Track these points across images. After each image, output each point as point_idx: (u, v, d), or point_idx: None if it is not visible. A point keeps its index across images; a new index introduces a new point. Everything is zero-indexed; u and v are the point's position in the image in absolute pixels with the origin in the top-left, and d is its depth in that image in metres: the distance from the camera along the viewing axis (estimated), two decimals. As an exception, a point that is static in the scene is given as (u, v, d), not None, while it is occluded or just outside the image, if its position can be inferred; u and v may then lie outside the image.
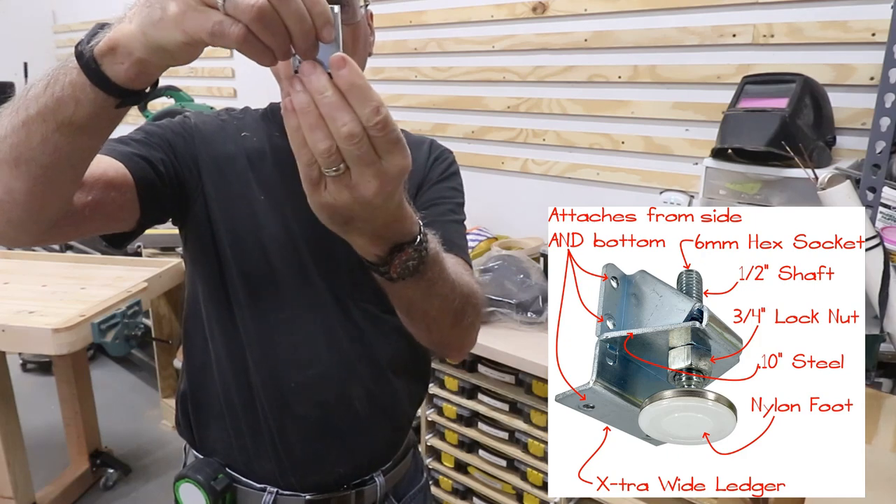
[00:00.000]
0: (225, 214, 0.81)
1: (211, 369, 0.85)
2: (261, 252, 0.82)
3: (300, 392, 0.84)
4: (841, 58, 1.46)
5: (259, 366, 0.83)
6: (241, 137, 0.84)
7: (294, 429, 0.84)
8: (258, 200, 0.82)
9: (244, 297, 0.82)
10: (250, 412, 0.84)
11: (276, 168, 0.84)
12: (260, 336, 0.83)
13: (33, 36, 4.42)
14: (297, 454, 0.85)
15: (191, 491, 0.84)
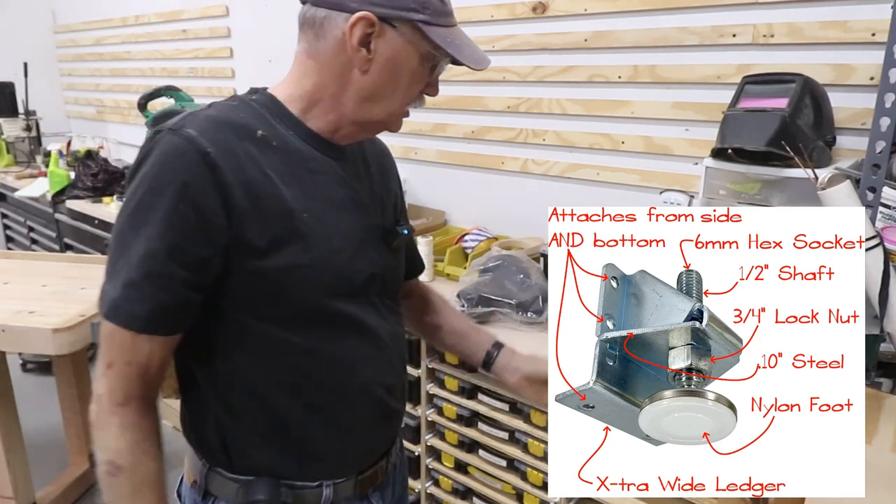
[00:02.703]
0: (272, 246, 0.79)
1: (258, 395, 0.85)
2: (315, 271, 0.82)
3: (365, 394, 0.90)
4: (841, 58, 1.46)
5: (322, 381, 0.86)
6: (258, 140, 0.80)
7: (355, 429, 0.91)
8: (300, 220, 0.81)
9: (304, 318, 0.83)
10: (309, 425, 0.87)
11: (302, 174, 0.83)
12: (323, 353, 0.85)
13: (33, 36, 4.42)
14: (355, 449, 0.93)
15: None
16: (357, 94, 0.82)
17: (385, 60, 0.80)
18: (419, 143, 2.38)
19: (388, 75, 0.81)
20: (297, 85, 0.84)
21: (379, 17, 0.77)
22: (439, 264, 2.03)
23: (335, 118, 0.85)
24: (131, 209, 0.75)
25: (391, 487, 1.02)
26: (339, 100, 0.83)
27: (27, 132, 4.02)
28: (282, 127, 0.83)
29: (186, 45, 3.39)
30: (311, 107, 0.84)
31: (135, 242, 0.74)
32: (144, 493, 0.78)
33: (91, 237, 3.05)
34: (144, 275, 0.74)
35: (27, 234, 3.80)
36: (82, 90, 4.45)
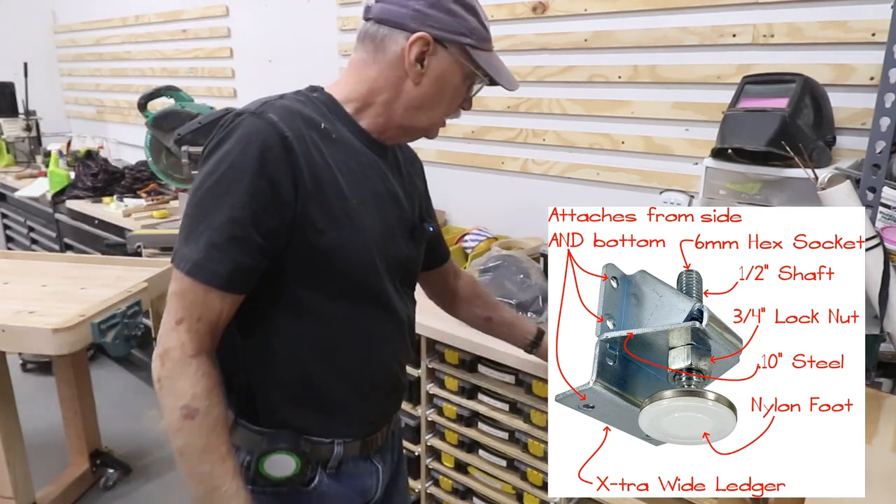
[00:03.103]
0: (329, 225, 0.88)
1: (293, 357, 0.94)
2: (360, 252, 0.92)
3: (383, 366, 1.03)
4: (841, 58, 1.46)
5: (352, 349, 0.97)
6: (322, 132, 0.90)
7: (371, 396, 1.02)
8: (351, 205, 0.91)
9: (345, 292, 0.93)
10: (334, 388, 0.97)
11: (355, 166, 0.93)
12: (356, 325, 0.96)
13: (33, 36, 4.42)
14: (367, 414, 1.03)
15: (278, 461, 0.94)
16: (407, 102, 0.94)
17: (435, 76, 0.92)
18: (419, 143, 2.36)
19: (436, 89, 0.93)
20: (353, 88, 0.95)
21: (434, 38, 0.90)
22: (439, 264, 2.02)
23: (384, 121, 0.96)
24: (213, 181, 0.83)
25: (390, 452, 1.13)
26: (391, 106, 0.94)
27: (27, 132, 4.02)
28: (339, 123, 0.94)
29: (186, 45, 3.39)
30: (364, 108, 0.95)
31: (217, 210, 0.82)
32: (218, 433, 0.85)
33: (91, 237, 3.05)
34: (228, 238, 0.82)
35: (27, 234, 3.80)
36: (82, 90, 4.45)
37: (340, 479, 1.02)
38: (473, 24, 0.94)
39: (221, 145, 0.84)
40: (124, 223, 2.76)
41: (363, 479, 1.05)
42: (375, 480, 1.07)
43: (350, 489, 1.04)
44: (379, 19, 0.91)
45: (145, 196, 3.09)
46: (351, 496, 1.04)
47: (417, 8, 0.89)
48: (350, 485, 1.03)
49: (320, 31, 2.57)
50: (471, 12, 0.94)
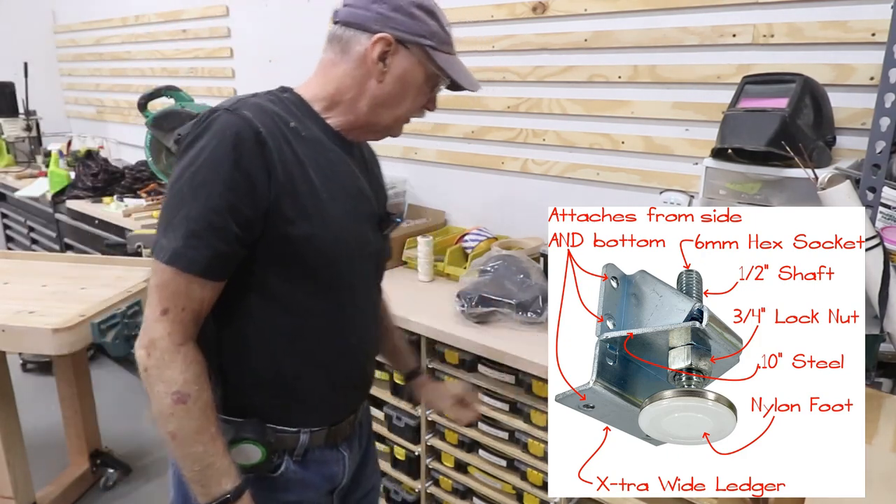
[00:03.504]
0: (300, 218, 0.92)
1: (263, 346, 0.97)
2: (331, 244, 0.96)
3: (353, 358, 1.07)
4: (841, 58, 1.46)
5: (323, 341, 1.01)
6: (291, 130, 0.94)
7: (338, 386, 1.05)
8: (321, 199, 0.95)
9: (317, 284, 0.97)
10: (302, 378, 1.01)
11: (324, 163, 0.97)
12: (328, 317, 1.00)
13: (33, 36, 4.42)
14: (334, 404, 1.07)
15: (244, 450, 0.97)
16: (372, 99, 0.99)
17: (398, 74, 0.98)
18: (419, 143, 2.38)
19: (399, 87, 0.99)
20: (321, 88, 1.00)
21: (396, 38, 0.96)
22: (439, 264, 2.03)
23: (352, 119, 1.01)
24: (191, 173, 0.87)
25: (358, 439, 1.16)
26: (357, 103, 1.00)
27: (27, 132, 4.02)
28: (308, 121, 0.98)
29: (186, 45, 3.39)
30: (331, 107, 1.00)
31: (194, 201, 0.86)
32: (208, 415, 0.90)
33: (91, 237, 3.05)
34: (206, 227, 0.86)
35: (27, 234, 3.80)
36: (82, 90, 4.45)
37: (306, 466, 1.05)
38: (434, 28, 0.99)
39: (198, 140, 0.88)
40: (124, 223, 2.76)
41: (329, 466, 1.09)
42: (342, 467, 1.11)
43: (316, 475, 1.07)
44: (345, 22, 0.98)
45: (145, 196, 3.09)
46: (317, 482, 1.07)
47: (380, 11, 0.96)
48: (316, 471, 1.07)
49: (320, 31, 2.56)
50: (431, 17, 0.99)
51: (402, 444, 1.88)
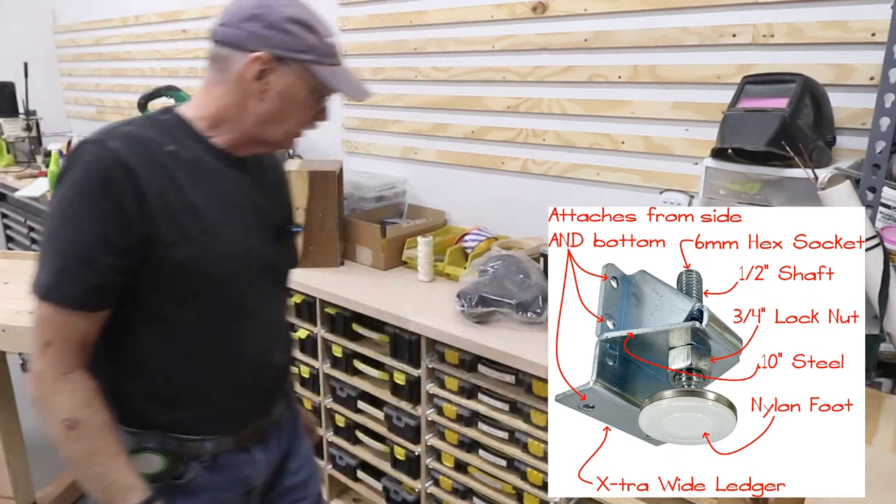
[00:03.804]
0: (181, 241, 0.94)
1: (156, 364, 1.00)
2: (219, 263, 0.98)
3: (253, 366, 1.08)
4: (841, 58, 1.46)
5: (217, 354, 1.03)
6: (167, 154, 0.95)
7: (239, 396, 1.07)
8: (206, 220, 0.97)
9: (206, 301, 0.99)
10: (198, 392, 1.03)
11: (207, 183, 0.99)
12: (220, 331, 1.02)
13: (33, 36, 4.42)
14: (236, 413, 1.08)
15: (145, 459, 0.99)
16: (256, 117, 1.00)
17: (278, 91, 0.98)
18: (419, 143, 2.38)
19: (281, 103, 0.99)
20: (203, 107, 1.02)
21: (272, 56, 0.95)
22: (439, 264, 2.03)
23: (237, 136, 1.02)
24: (62, 208, 0.89)
25: (276, 438, 1.18)
26: (241, 121, 1.00)
27: (27, 132, 4.02)
28: (189, 142, 0.99)
29: (186, 45, 3.39)
30: (215, 126, 1.01)
31: (66, 235, 0.89)
32: (105, 436, 0.93)
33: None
34: (77, 261, 0.88)
35: (27, 234, 3.80)
36: (82, 90, 4.45)
37: (217, 471, 1.07)
38: (312, 42, 0.98)
39: (67, 175, 0.90)
40: (124, 223, 2.76)
41: (242, 469, 1.10)
42: (257, 469, 1.13)
43: (228, 479, 1.09)
44: (221, 42, 0.98)
45: (145, 196, 3.08)
46: (229, 486, 1.09)
47: (253, 30, 0.95)
48: (228, 475, 1.08)
49: (320, 31, 2.57)
50: (308, 30, 0.98)
51: (402, 444, 1.88)
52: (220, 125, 1.01)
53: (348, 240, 2.18)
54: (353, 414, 2.01)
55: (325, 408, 2.09)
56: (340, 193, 2.18)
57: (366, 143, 2.56)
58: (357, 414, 2.00)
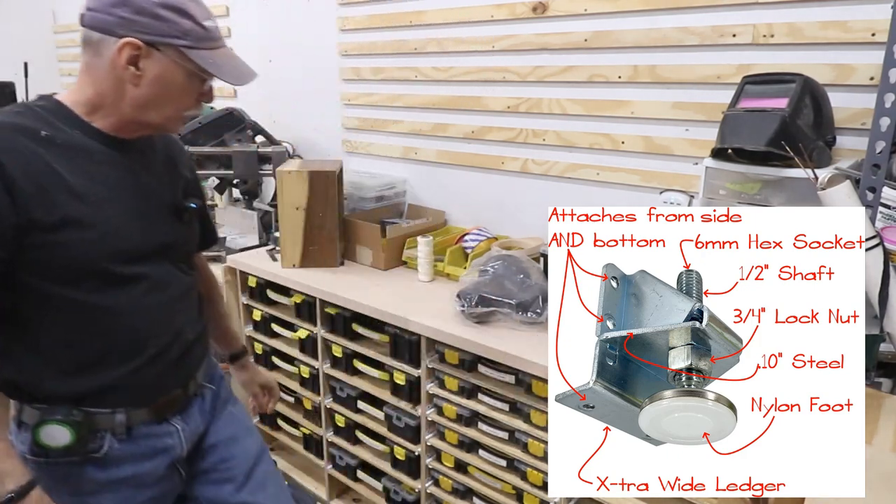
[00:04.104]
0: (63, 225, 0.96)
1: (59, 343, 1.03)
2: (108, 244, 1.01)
3: (158, 340, 1.10)
4: (841, 58, 1.46)
5: (119, 331, 1.06)
6: (42, 140, 0.96)
7: (147, 368, 1.09)
8: (88, 203, 0.98)
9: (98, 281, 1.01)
10: (104, 366, 1.06)
11: (87, 166, 1.01)
12: (119, 308, 1.04)
13: (33, 36, 4.41)
14: (147, 385, 1.11)
15: (52, 431, 1.03)
16: (133, 102, 1.00)
17: (153, 77, 0.98)
18: (419, 143, 2.38)
19: (158, 89, 1.00)
20: (81, 93, 1.02)
21: (145, 42, 0.96)
22: (439, 264, 2.03)
23: (117, 120, 1.03)
24: None
25: (197, 411, 1.22)
26: (119, 106, 1.01)
27: (27, 132, 4.02)
28: (67, 127, 1.00)
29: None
30: (94, 110, 1.02)
31: None
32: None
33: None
34: None
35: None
36: (82, 90, 4.44)
37: (134, 442, 1.10)
38: (186, 26, 0.98)
39: None
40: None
41: (161, 439, 1.14)
42: (178, 440, 1.16)
43: (147, 450, 1.12)
44: (90, 26, 0.97)
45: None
46: (149, 456, 1.13)
47: (123, 15, 0.95)
48: (146, 446, 1.12)
49: (320, 31, 2.57)
50: (182, 15, 0.98)
51: (402, 444, 1.88)
52: (99, 109, 1.02)
53: (348, 240, 2.18)
54: (353, 414, 2.01)
55: (325, 408, 2.09)
56: (340, 193, 2.18)
57: (366, 143, 2.56)
58: (357, 414, 2.00)
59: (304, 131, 2.79)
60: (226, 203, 2.69)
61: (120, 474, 1.10)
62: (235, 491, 1.27)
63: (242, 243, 2.38)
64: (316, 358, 2.06)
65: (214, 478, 1.27)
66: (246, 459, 1.30)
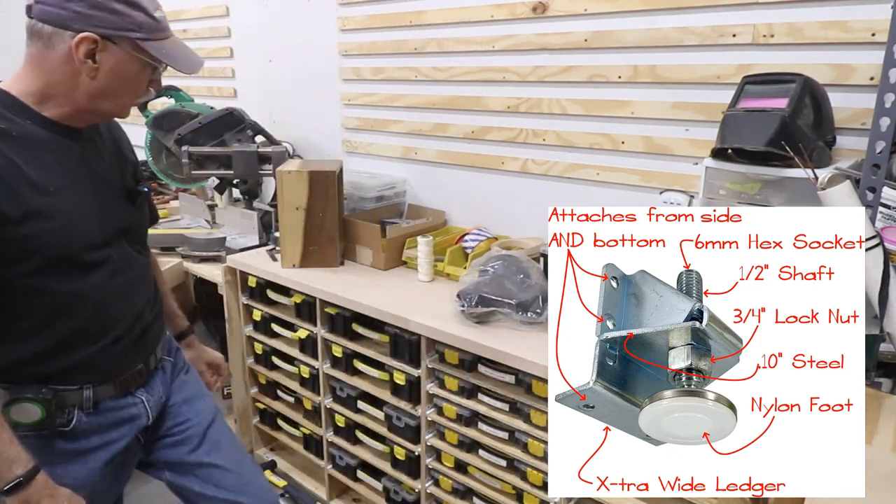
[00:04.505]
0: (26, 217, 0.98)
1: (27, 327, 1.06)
2: (70, 232, 1.04)
3: (119, 320, 1.17)
4: (841, 58, 1.46)
5: (83, 313, 1.10)
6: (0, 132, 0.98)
7: (111, 346, 1.16)
8: (48, 194, 1.01)
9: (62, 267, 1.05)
10: (71, 347, 1.10)
11: (44, 157, 1.03)
12: (83, 292, 1.09)
13: (33, 36, 4.41)
14: (113, 363, 1.18)
15: (23, 408, 1.08)
16: (88, 93, 1.04)
17: (109, 69, 1.03)
18: (419, 143, 2.38)
19: (113, 79, 1.04)
20: (30, 83, 1.04)
21: (101, 35, 0.99)
22: (439, 264, 2.03)
23: (70, 109, 1.06)
24: None
25: (159, 381, 1.31)
26: (72, 96, 1.04)
27: (27, 132, 4.01)
28: (18, 118, 1.02)
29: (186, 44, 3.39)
30: (45, 100, 1.04)
31: None
32: None
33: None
34: None
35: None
36: (82, 90, 4.44)
37: (100, 415, 1.17)
38: (140, 19, 1.02)
39: None
40: (124, 223, 2.76)
41: (127, 410, 1.22)
42: (143, 409, 1.25)
43: (114, 421, 1.20)
44: (41, 19, 1.00)
45: (145, 196, 3.08)
46: (116, 426, 1.20)
47: (77, 10, 0.97)
48: (113, 417, 1.19)
49: (320, 31, 2.57)
50: (136, 8, 1.02)
51: (402, 444, 1.88)
52: (50, 100, 1.04)
53: (348, 240, 2.18)
54: (353, 414, 2.01)
55: (325, 408, 2.09)
56: (340, 193, 2.18)
57: (366, 143, 2.56)
58: (357, 414, 2.00)
59: (304, 131, 2.79)
60: (226, 203, 2.69)
61: (88, 445, 1.16)
62: (191, 451, 1.34)
63: (242, 243, 2.37)
64: (316, 358, 2.06)
65: (171, 441, 1.33)
66: (200, 422, 1.36)
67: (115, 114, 1.13)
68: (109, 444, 1.20)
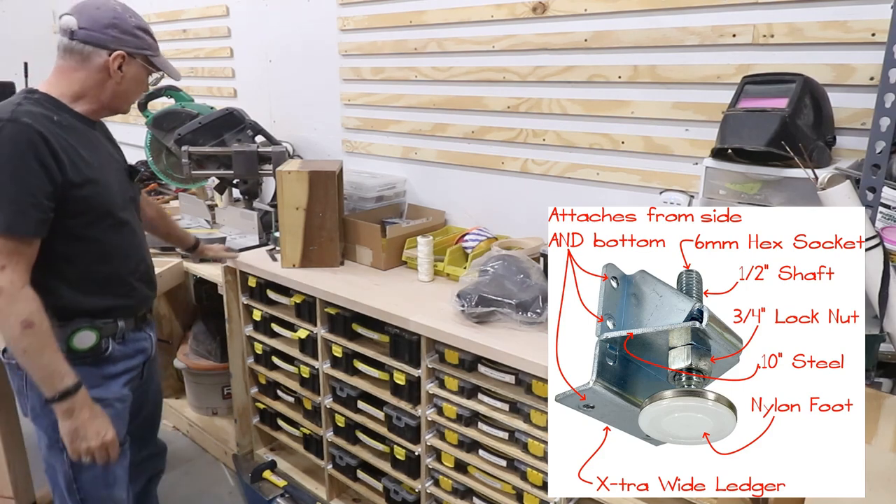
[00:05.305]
0: (84, 182, 1.34)
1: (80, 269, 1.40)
2: (107, 196, 1.40)
3: (137, 265, 1.53)
4: (841, 58, 1.46)
5: (117, 258, 1.46)
6: (55, 122, 1.32)
7: (136, 288, 1.53)
8: (94, 167, 1.37)
9: (104, 223, 1.42)
10: (110, 286, 1.47)
11: (84, 140, 1.38)
12: (116, 242, 1.46)
13: (33, 36, 4.41)
14: (136, 299, 1.54)
15: (83, 336, 1.41)
16: (113, 95, 1.44)
17: (130, 77, 1.44)
18: (419, 143, 2.38)
19: (131, 85, 1.46)
20: (66, 88, 1.40)
21: (128, 53, 1.41)
22: (439, 264, 2.03)
23: (96, 107, 1.44)
24: (4, 172, 1.24)
25: (154, 325, 1.68)
26: (99, 97, 1.43)
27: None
28: (62, 112, 1.37)
29: (186, 45, 3.39)
30: (77, 99, 1.41)
31: (12, 188, 1.24)
32: (50, 335, 1.29)
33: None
34: (27, 203, 1.25)
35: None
36: (82, 90, 4.44)
37: (126, 345, 1.52)
38: (149, 42, 1.47)
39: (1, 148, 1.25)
40: (124, 223, 2.76)
41: (140, 342, 1.58)
42: (150, 343, 1.62)
43: (134, 350, 1.55)
44: (84, 41, 1.37)
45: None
46: (135, 355, 1.56)
47: (114, 35, 1.39)
48: (133, 348, 1.55)
49: (320, 31, 2.57)
50: (147, 34, 1.47)
51: (402, 444, 1.88)
52: (81, 99, 1.41)
53: (348, 240, 2.18)
54: (353, 414, 2.01)
55: (325, 408, 2.09)
56: (340, 193, 2.18)
57: (366, 143, 2.56)
58: (357, 414, 2.00)
59: (304, 131, 2.79)
60: (226, 203, 2.69)
61: (117, 369, 1.51)
62: None
63: (242, 243, 2.37)
64: (316, 358, 2.06)
65: None
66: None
67: (125, 110, 1.51)
68: (130, 369, 1.54)
